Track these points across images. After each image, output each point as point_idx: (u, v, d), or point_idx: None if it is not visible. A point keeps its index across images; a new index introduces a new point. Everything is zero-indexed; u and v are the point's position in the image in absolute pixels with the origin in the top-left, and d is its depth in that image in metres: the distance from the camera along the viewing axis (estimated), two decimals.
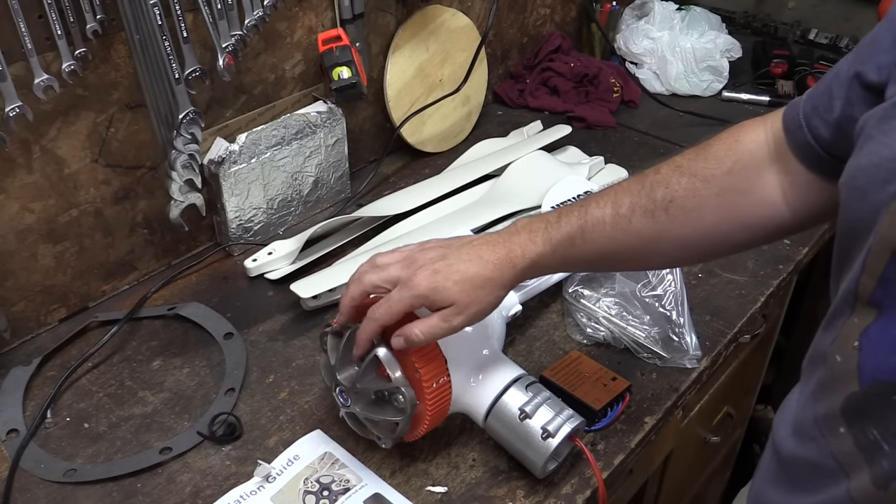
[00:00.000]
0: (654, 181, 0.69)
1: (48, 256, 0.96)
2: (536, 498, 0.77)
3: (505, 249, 0.70)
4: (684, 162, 0.69)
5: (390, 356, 0.72)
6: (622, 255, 0.71)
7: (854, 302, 0.50)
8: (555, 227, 0.71)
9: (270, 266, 1.07)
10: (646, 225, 0.68)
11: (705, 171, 0.67)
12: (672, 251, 0.71)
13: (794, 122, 0.64)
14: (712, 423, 1.24)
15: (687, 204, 0.67)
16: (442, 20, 1.31)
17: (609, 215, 0.69)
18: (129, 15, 0.86)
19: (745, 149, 0.67)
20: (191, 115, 0.92)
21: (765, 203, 0.66)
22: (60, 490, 0.79)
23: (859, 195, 0.49)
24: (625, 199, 0.69)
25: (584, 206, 0.71)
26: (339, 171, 1.22)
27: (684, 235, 0.69)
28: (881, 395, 0.48)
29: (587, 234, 0.69)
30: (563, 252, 0.70)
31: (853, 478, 0.50)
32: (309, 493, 0.77)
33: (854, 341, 0.49)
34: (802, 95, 0.65)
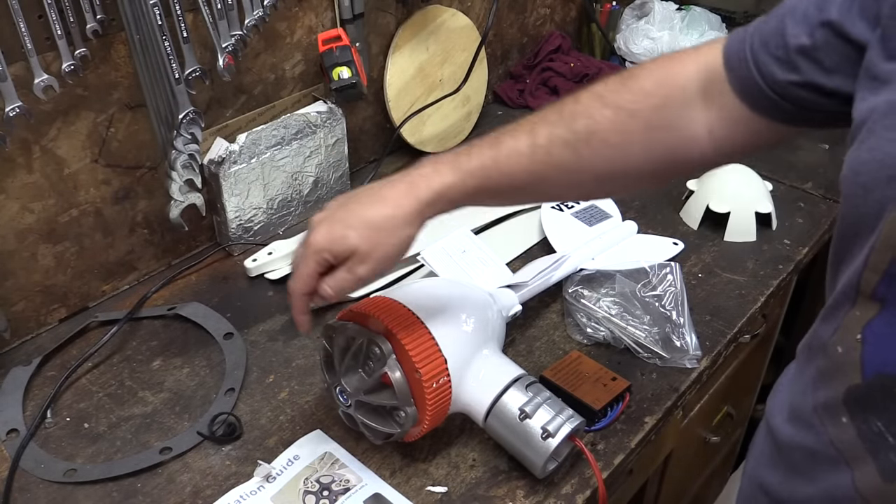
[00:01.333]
0: (574, 111, 0.65)
1: (48, 256, 0.96)
2: (536, 498, 0.77)
3: (406, 184, 0.65)
4: (607, 92, 0.65)
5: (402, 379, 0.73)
6: (540, 187, 0.68)
7: (856, 296, 0.50)
8: (464, 157, 0.66)
9: (270, 266, 1.07)
10: (565, 157, 0.64)
11: (632, 105, 0.64)
12: (590, 184, 0.68)
13: (737, 59, 0.61)
14: (712, 423, 1.24)
15: (611, 138, 0.64)
16: (442, 20, 1.31)
17: (525, 145, 0.65)
18: (129, 15, 0.86)
19: (676, 83, 0.64)
20: (191, 115, 0.92)
21: (690, 139, 0.64)
22: (60, 490, 0.79)
23: (863, 191, 0.48)
24: (542, 129, 0.65)
25: (497, 137, 0.66)
26: (339, 171, 1.22)
27: (607, 169, 0.66)
28: (885, 388, 0.48)
29: (501, 164, 0.65)
30: (474, 183, 0.65)
31: (856, 468, 0.50)
32: (309, 493, 0.77)
33: (857, 334, 0.49)
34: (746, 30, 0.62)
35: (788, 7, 0.59)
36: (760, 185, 1.16)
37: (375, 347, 0.73)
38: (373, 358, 0.75)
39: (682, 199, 1.20)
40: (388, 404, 0.74)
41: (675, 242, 1.11)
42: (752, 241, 1.13)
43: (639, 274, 0.97)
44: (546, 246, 1.09)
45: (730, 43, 0.62)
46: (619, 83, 0.65)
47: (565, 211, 1.13)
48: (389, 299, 0.77)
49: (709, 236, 1.14)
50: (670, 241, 1.12)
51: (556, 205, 1.13)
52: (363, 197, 0.67)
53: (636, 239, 1.11)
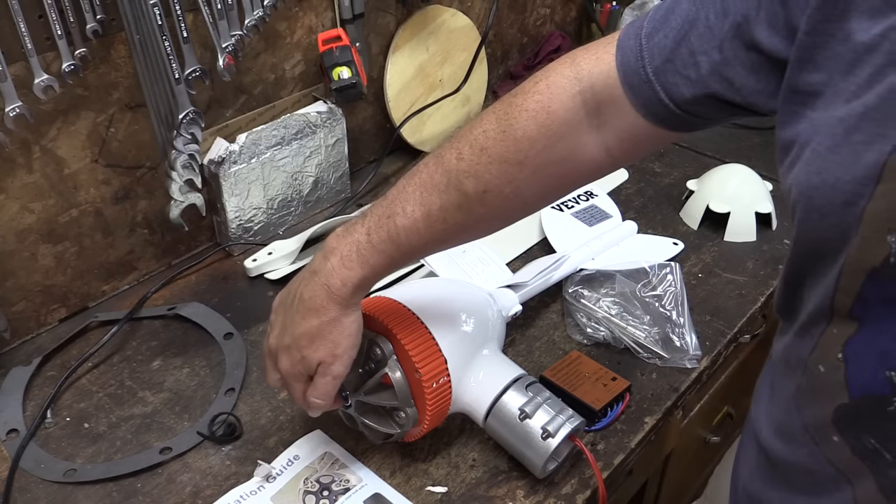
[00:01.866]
0: (460, 171, 0.64)
1: (48, 256, 0.96)
2: (536, 498, 0.77)
3: (324, 289, 0.68)
4: (489, 144, 0.63)
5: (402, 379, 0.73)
6: (444, 246, 0.71)
7: (831, 315, 0.49)
8: (366, 247, 0.67)
9: (270, 266, 1.07)
10: (463, 219, 0.65)
11: (517, 156, 0.63)
12: (495, 226, 0.70)
13: (637, 78, 0.58)
14: (712, 423, 1.24)
15: (504, 191, 0.64)
16: (442, 20, 1.31)
17: (421, 219, 0.66)
18: (129, 15, 0.86)
19: (559, 120, 0.62)
20: (191, 115, 0.92)
21: (585, 162, 0.64)
22: (60, 490, 0.79)
23: (818, 216, 0.48)
24: (434, 199, 0.65)
25: (391, 218, 0.66)
26: (339, 171, 1.22)
27: (505, 215, 0.68)
28: (873, 407, 0.48)
29: (402, 244, 0.66)
30: (384, 265, 0.68)
31: (857, 485, 0.50)
32: (309, 493, 0.77)
33: (837, 353, 0.49)
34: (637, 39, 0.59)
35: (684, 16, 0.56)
36: (760, 185, 1.16)
37: (376, 348, 0.73)
38: (373, 358, 0.75)
39: (682, 200, 1.20)
40: (389, 405, 0.74)
41: (675, 242, 1.11)
42: (752, 241, 1.13)
43: (639, 274, 0.97)
44: (546, 246, 1.09)
45: (623, 58, 0.59)
46: (500, 131, 0.63)
47: (565, 211, 1.13)
48: (389, 299, 0.77)
49: (709, 236, 1.14)
50: (670, 241, 1.12)
51: (557, 205, 1.13)
52: (294, 311, 0.70)
53: (636, 239, 1.11)
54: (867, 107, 0.44)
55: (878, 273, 0.45)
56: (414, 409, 0.73)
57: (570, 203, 1.14)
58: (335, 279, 0.67)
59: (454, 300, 0.81)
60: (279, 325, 0.72)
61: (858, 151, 0.44)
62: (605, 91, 0.61)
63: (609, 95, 0.61)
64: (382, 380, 0.74)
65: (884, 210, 0.44)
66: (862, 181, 0.44)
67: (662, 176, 1.30)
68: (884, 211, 0.44)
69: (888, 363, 0.46)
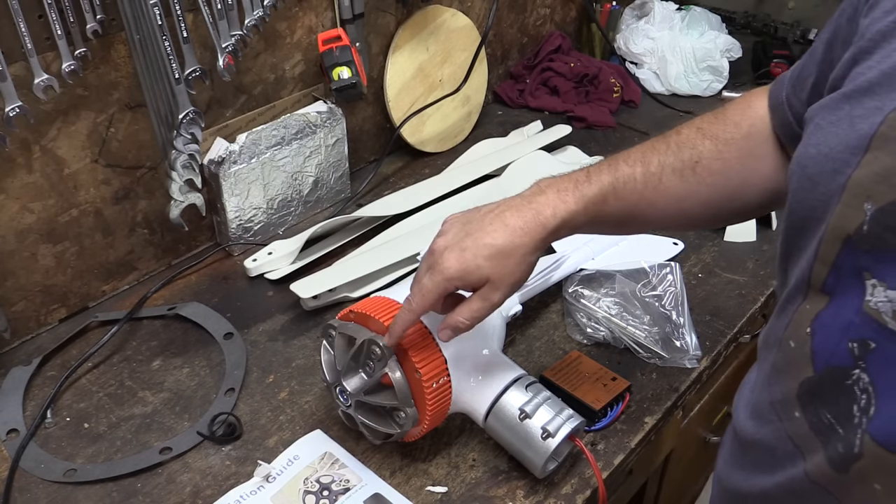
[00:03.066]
0: (679, 142, 0.69)
1: (48, 256, 0.96)
2: (536, 498, 0.77)
3: (532, 212, 0.67)
4: (704, 125, 0.70)
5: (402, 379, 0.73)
6: (650, 214, 0.71)
7: (807, 289, 0.50)
8: (585, 184, 0.68)
9: (270, 266, 1.07)
10: (675, 184, 0.69)
11: (725, 135, 0.68)
12: (698, 210, 0.71)
13: (777, 103, 0.65)
14: (712, 423, 1.24)
15: (713, 165, 0.68)
16: (442, 20, 1.31)
17: (640, 173, 0.69)
18: (129, 15, 0.86)
19: (757, 115, 0.69)
20: (191, 115, 0.92)
21: (778, 169, 0.68)
22: (60, 490, 0.79)
23: (810, 185, 0.50)
24: (653, 158, 0.69)
25: (613, 164, 0.70)
26: (339, 171, 1.22)
27: (711, 196, 0.69)
28: (834, 380, 0.48)
29: (619, 191, 0.68)
30: (594, 209, 0.68)
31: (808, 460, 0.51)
32: (309, 493, 0.77)
33: (807, 327, 0.50)
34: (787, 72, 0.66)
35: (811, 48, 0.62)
36: None
37: (376, 347, 0.73)
38: (373, 358, 0.75)
39: None
40: (388, 405, 0.74)
41: (675, 242, 1.11)
42: (752, 241, 1.13)
43: (639, 274, 0.97)
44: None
45: (773, 86, 0.67)
46: (713, 116, 0.70)
47: None
48: (389, 299, 0.77)
49: (709, 236, 1.14)
50: (670, 241, 1.12)
51: None
52: (487, 224, 0.68)
53: (636, 239, 1.11)
54: (870, 82, 0.46)
55: (852, 240, 0.46)
56: (414, 409, 0.73)
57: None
58: (546, 207, 0.67)
59: None
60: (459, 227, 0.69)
61: (855, 123, 0.46)
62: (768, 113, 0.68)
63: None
64: (382, 380, 0.74)
65: (866, 177, 0.45)
66: (852, 150, 0.46)
67: None
68: (865, 178, 0.45)
69: (850, 334, 0.47)
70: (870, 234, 0.45)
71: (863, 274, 0.46)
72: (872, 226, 0.45)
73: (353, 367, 0.76)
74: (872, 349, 0.46)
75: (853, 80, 0.49)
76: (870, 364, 0.46)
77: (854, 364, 0.47)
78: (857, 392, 0.47)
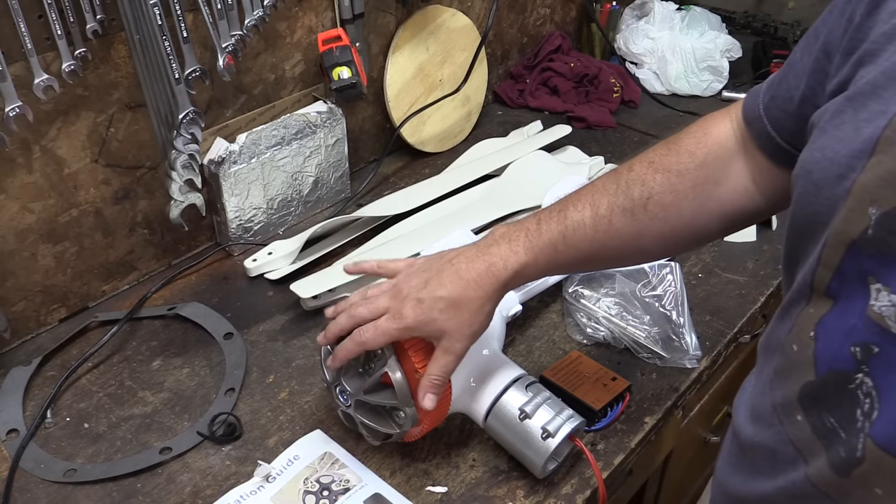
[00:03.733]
0: (630, 179, 0.69)
1: (48, 256, 0.96)
2: (536, 498, 0.77)
3: (485, 264, 0.70)
4: (657, 158, 0.69)
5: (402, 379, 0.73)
6: (604, 254, 0.72)
7: (810, 293, 0.50)
8: (535, 234, 0.70)
9: (270, 266, 1.07)
10: (626, 223, 0.68)
11: (678, 166, 0.68)
12: (653, 246, 0.71)
13: (753, 113, 0.65)
14: (712, 423, 1.24)
15: (665, 200, 0.68)
16: (442, 20, 1.31)
17: (588, 217, 0.69)
18: (129, 15, 0.86)
19: (715, 140, 0.68)
20: (191, 115, 0.92)
21: (738, 191, 0.67)
22: (60, 490, 0.79)
23: (815, 189, 0.49)
24: (602, 200, 0.69)
25: (562, 211, 0.70)
26: (339, 171, 1.22)
27: (664, 230, 0.69)
28: (836, 384, 0.48)
29: (568, 238, 0.69)
30: (545, 259, 0.70)
31: (811, 464, 0.51)
32: (309, 493, 0.77)
33: (810, 331, 0.50)
34: (762, 85, 0.66)
35: (789, 59, 0.62)
36: None
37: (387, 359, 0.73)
38: (373, 358, 0.75)
39: None
40: (388, 404, 0.74)
41: None
42: (752, 241, 1.13)
43: (639, 274, 0.97)
44: None
45: (748, 97, 0.66)
46: (666, 148, 0.70)
47: None
48: None
49: None
50: None
51: None
52: (444, 277, 0.70)
53: None
54: (874, 85, 0.46)
55: (857, 245, 0.46)
56: (414, 409, 0.73)
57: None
58: (498, 259, 0.70)
59: None
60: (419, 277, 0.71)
61: (860, 127, 0.46)
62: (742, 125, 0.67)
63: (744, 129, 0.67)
64: (382, 379, 0.74)
65: (871, 181, 0.45)
66: (857, 154, 0.46)
67: None
68: (871, 182, 0.45)
69: (853, 338, 0.47)
70: (874, 238, 0.45)
71: (867, 278, 0.46)
72: (877, 230, 0.44)
73: (353, 366, 0.76)
74: (876, 353, 0.45)
75: (857, 84, 0.49)
76: (873, 368, 0.46)
77: (857, 368, 0.47)
78: (861, 396, 0.47)
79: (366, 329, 0.71)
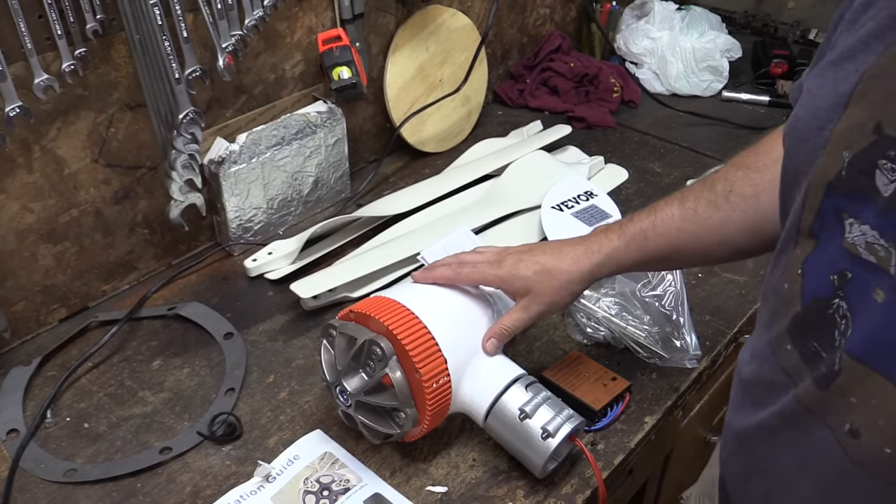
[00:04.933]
0: (714, 178, 0.76)
1: (48, 256, 0.96)
2: (536, 498, 0.77)
3: (583, 246, 0.78)
4: (738, 159, 0.76)
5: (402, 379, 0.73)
6: (691, 246, 0.77)
7: (797, 235, 0.55)
8: (627, 223, 0.78)
9: (270, 266, 1.07)
10: (710, 214, 0.75)
11: (757, 163, 0.74)
12: (737, 238, 0.75)
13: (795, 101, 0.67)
14: (712, 423, 1.24)
15: (745, 192, 0.73)
16: (442, 20, 1.31)
17: (676, 209, 0.76)
18: (129, 15, 0.86)
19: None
20: (191, 115, 0.92)
21: None
22: (60, 490, 0.79)
23: (798, 142, 0.55)
24: (689, 195, 0.77)
25: (652, 207, 0.78)
26: (339, 171, 1.22)
27: (746, 221, 0.73)
28: (818, 310, 0.53)
29: (657, 227, 0.76)
30: (636, 245, 0.77)
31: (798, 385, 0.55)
32: (309, 493, 0.77)
33: (798, 269, 0.55)
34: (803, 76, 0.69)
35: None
36: None
37: (377, 348, 0.73)
38: (374, 358, 0.75)
39: None
40: (389, 405, 0.74)
41: None
42: None
43: (639, 274, 0.97)
44: None
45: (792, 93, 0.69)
46: (747, 151, 0.77)
47: (565, 211, 1.13)
48: (389, 299, 0.77)
49: None
50: None
51: (556, 204, 1.13)
52: (546, 248, 0.80)
53: None
54: (852, 49, 0.51)
55: (833, 185, 0.50)
56: (414, 410, 0.73)
57: (570, 203, 1.14)
58: (594, 244, 0.78)
59: (454, 300, 0.81)
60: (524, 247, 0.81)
61: (837, 85, 0.51)
62: None
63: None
64: (382, 380, 0.74)
65: (845, 129, 0.49)
66: (834, 108, 0.51)
67: (662, 176, 1.30)
68: (845, 130, 0.49)
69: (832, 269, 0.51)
70: (847, 178, 0.49)
71: (841, 215, 0.50)
72: (849, 171, 0.49)
73: (354, 367, 0.76)
74: (849, 279, 0.50)
75: (835, 49, 0.53)
76: (847, 293, 0.50)
77: (834, 294, 0.51)
78: (838, 319, 0.51)
79: (466, 264, 0.80)
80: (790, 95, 0.69)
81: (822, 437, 0.53)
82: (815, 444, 0.54)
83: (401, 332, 0.73)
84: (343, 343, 0.77)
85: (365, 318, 0.76)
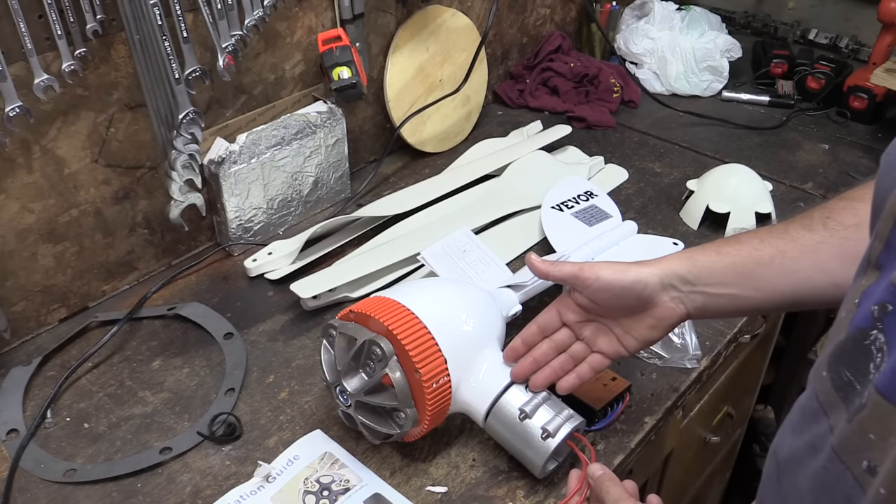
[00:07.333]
0: (812, 209, 0.73)
1: (48, 256, 0.96)
2: (536, 498, 0.77)
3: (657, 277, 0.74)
4: (842, 194, 0.73)
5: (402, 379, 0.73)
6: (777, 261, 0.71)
7: (867, 266, 0.54)
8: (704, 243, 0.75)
9: (270, 266, 1.07)
10: (803, 234, 0.71)
11: (862, 193, 0.70)
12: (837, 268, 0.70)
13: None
14: (712, 423, 1.24)
15: (845, 219, 0.70)
16: (442, 20, 1.31)
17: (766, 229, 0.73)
18: (129, 15, 0.86)
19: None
20: (191, 115, 0.92)
21: None
22: (60, 490, 0.79)
23: (889, 168, 0.53)
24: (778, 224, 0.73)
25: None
26: (339, 171, 1.22)
27: (845, 249, 0.69)
28: (857, 340, 0.51)
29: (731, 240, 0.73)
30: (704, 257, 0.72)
31: (831, 416, 0.54)
32: (309, 493, 0.77)
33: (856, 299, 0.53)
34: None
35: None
36: (760, 185, 1.16)
37: (376, 348, 0.73)
38: (374, 358, 0.75)
39: (682, 200, 1.20)
40: (389, 405, 0.74)
41: (675, 242, 1.11)
42: None
43: None
44: (546, 246, 1.09)
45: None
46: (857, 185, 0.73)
47: (565, 211, 1.13)
48: (389, 299, 0.77)
49: (709, 236, 1.14)
50: (670, 241, 1.11)
51: (556, 204, 1.13)
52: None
53: (636, 239, 1.11)
54: None
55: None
56: (414, 410, 0.73)
57: (570, 203, 1.14)
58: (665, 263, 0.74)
59: (454, 300, 0.81)
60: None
61: None
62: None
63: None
64: (382, 380, 0.74)
65: None
66: None
67: (662, 176, 1.30)
68: None
69: (875, 299, 0.50)
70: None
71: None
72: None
73: (354, 367, 0.76)
74: (889, 311, 0.49)
75: None
76: (886, 325, 0.49)
77: (873, 325, 0.50)
78: (874, 351, 0.50)
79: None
80: None
81: (838, 472, 0.51)
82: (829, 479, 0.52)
83: (401, 332, 0.73)
84: (343, 343, 0.77)
85: (365, 318, 0.76)
